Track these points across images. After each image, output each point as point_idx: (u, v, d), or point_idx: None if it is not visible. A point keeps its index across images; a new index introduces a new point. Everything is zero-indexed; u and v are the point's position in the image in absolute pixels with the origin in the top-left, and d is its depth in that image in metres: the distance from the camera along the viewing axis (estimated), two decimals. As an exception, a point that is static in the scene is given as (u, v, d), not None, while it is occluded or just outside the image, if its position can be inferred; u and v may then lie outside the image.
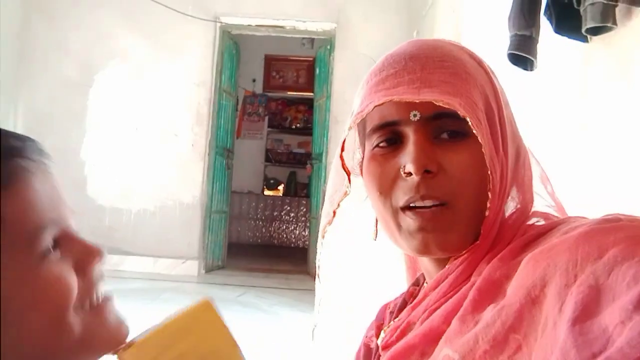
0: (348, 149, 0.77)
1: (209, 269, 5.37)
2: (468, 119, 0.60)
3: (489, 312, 0.55)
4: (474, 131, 0.60)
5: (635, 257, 0.44)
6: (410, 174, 0.62)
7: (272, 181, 8.31)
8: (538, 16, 1.81)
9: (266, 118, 8.34)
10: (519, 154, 0.70)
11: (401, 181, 0.64)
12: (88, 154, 5.12)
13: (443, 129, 0.63)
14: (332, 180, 0.79)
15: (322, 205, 0.80)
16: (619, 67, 1.75)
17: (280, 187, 8.36)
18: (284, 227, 8.16)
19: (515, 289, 0.53)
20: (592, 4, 1.62)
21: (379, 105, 0.63)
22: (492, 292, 0.57)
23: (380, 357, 0.72)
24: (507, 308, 0.52)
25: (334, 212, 0.77)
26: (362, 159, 0.73)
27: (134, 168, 5.12)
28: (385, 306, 0.84)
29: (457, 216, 0.63)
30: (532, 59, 1.82)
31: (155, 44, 5.13)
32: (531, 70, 1.89)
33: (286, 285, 5.09)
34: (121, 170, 5.12)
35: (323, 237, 0.79)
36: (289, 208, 8.18)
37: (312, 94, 6.52)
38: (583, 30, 1.70)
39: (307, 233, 7.65)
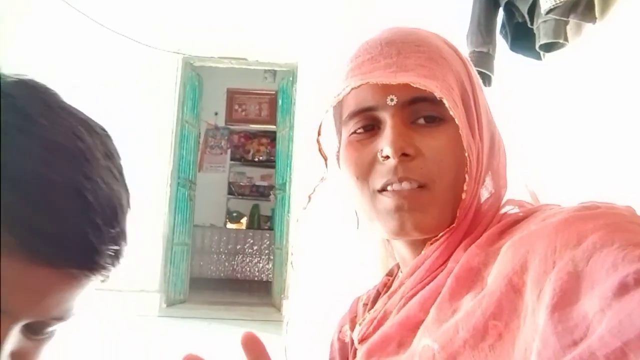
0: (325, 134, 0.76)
1: (171, 303, 5.24)
2: (445, 101, 0.60)
3: (468, 301, 0.55)
4: (451, 112, 0.60)
5: (614, 244, 0.44)
6: (387, 157, 0.62)
7: (234, 214, 8.24)
8: (494, 34, 1.89)
9: (228, 151, 8.32)
10: (493, 140, 0.70)
11: (378, 165, 0.64)
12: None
13: (420, 113, 0.63)
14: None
15: (287, 235, 0.80)
16: (571, 82, 1.83)
17: (243, 220, 8.29)
18: (247, 260, 8.06)
19: (495, 277, 0.53)
20: (545, 21, 1.70)
21: (355, 88, 0.63)
22: (470, 279, 0.57)
23: (357, 351, 0.70)
24: (487, 296, 0.52)
25: (309, 197, 0.76)
26: (339, 147, 0.72)
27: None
28: (358, 299, 0.83)
29: (434, 198, 0.63)
30: (490, 74, 1.89)
31: (117, 74, 5.09)
32: (489, 85, 1.97)
33: (250, 317, 5.00)
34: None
35: (297, 221, 0.79)
36: (252, 241, 8.10)
37: (274, 126, 6.56)
38: (537, 47, 1.78)
39: (270, 266, 7.56)
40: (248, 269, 8.03)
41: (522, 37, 1.88)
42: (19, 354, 0.49)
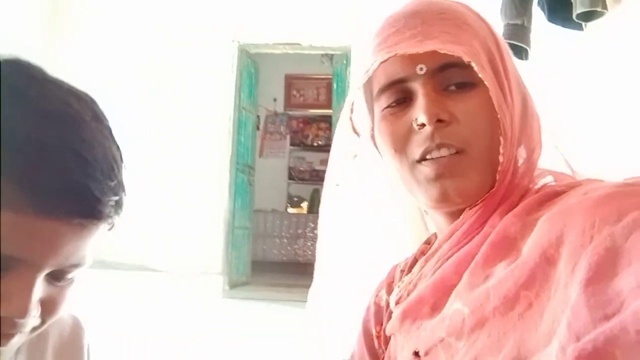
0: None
1: (233, 285, 5.41)
2: (473, 64, 0.60)
3: (501, 269, 0.56)
4: (480, 75, 0.61)
5: None
6: (423, 125, 0.63)
7: (295, 199, 8.35)
8: (529, 5, 1.84)
9: (288, 136, 8.42)
10: (525, 103, 0.70)
11: (415, 135, 0.65)
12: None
13: (450, 80, 0.64)
14: (338, 146, 0.80)
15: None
16: (612, 51, 1.77)
17: (304, 205, 8.39)
18: (309, 244, 8.17)
19: (530, 248, 0.53)
20: (581, -11, 1.65)
21: (384, 61, 0.64)
22: (505, 248, 0.58)
23: (392, 313, 0.72)
24: (520, 266, 0.52)
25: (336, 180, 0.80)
26: (372, 126, 0.73)
27: (155, 183, 5.15)
28: (396, 266, 0.85)
29: (472, 162, 0.63)
30: (526, 47, 1.85)
31: (175, 63, 5.26)
32: (526, 59, 1.92)
33: (310, 298, 5.10)
34: (143, 186, 5.03)
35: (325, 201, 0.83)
36: (312, 225, 8.18)
37: (332, 110, 6.59)
38: (574, 16, 1.73)
39: (331, 249, 7.62)
40: (309, 252, 8.13)
41: (559, 7, 1.83)
42: (46, 300, 0.57)
